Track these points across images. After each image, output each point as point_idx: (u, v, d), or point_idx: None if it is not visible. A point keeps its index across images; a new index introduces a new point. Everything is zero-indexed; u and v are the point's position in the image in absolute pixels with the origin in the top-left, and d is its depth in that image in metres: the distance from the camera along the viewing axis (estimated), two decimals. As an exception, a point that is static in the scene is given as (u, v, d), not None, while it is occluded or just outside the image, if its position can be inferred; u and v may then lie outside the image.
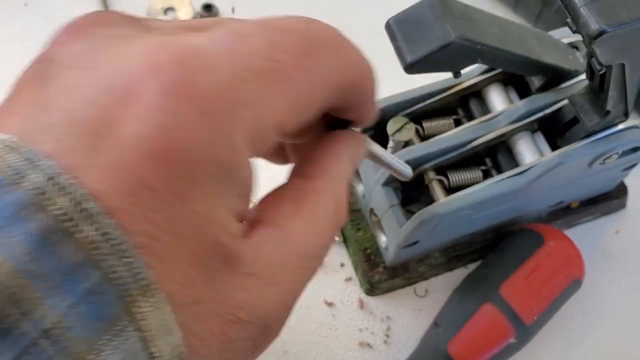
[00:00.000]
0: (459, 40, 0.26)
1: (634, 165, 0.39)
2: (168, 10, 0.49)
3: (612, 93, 0.30)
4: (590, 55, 0.26)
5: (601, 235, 0.42)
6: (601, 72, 0.27)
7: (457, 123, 0.36)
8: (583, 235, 0.42)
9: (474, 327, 0.35)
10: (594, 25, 0.24)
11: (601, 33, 0.23)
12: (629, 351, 0.39)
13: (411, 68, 0.27)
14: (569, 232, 0.42)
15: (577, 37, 0.35)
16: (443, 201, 0.33)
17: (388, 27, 0.28)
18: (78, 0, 0.48)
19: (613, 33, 0.24)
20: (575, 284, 0.37)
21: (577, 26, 0.24)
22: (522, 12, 0.48)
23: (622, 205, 0.43)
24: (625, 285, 0.41)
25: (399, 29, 0.27)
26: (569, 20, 0.25)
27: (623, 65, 0.27)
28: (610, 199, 0.42)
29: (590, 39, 0.24)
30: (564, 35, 0.36)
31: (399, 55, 0.27)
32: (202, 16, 0.48)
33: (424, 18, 0.27)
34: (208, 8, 0.48)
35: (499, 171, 0.35)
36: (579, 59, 0.35)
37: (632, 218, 0.43)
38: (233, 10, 0.49)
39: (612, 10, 0.24)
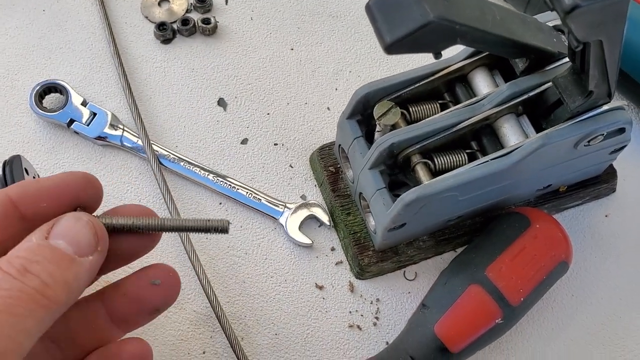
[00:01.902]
0: (437, 20, 0.27)
1: (622, 148, 0.39)
2: (162, 1, 0.49)
3: (593, 72, 0.30)
4: (568, 32, 0.27)
5: (591, 220, 0.43)
6: (578, 49, 0.27)
7: (444, 107, 0.37)
8: (573, 219, 0.43)
9: (461, 308, 0.35)
10: (567, 0, 0.24)
11: (574, 7, 0.24)
12: (617, 333, 0.39)
13: (390, 48, 0.27)
14: (559, 216, 0.43)
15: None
16: (428, 183, 0.34)
17: (368, 9, 0.28)
18: (74, -7, 0.49)
19: (587, 8, 0.24)
20: (562, 265, 0.37)
21: (551, 1, 0.25)
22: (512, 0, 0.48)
23: (612, 189, 0.43)
24: (614, 268, 0.41)
25: (379, 11, 0.28)
26: (545, -2, 0.26)
27: (601, 43, 0.28)
28: (599, 183, 0.42)
29: (565, 13, 0.24)
30: (550, 18, 0.36)
31: (378, 36, 0.27)
32: (195, 8, 0.49)
33: (402, -1, 0.27)
34: (202, 0, 0.49)
35: (485, 154, 0.35)
36: (563, 42, 0.35)
37: (621, 202, 0.43)
38: (226, 1, 0.50)
39: (586, -15, 0.24)
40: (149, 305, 0.26)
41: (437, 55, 0.29)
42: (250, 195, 0.42)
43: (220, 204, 0.42)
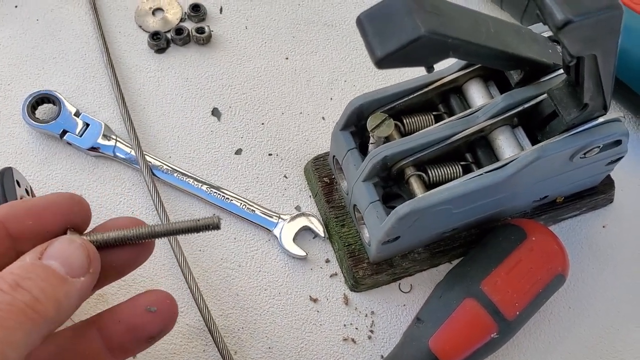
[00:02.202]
0: (428, 35, 0.26)
1: (618, 159, 0.38)
2: (156, 10, 0.49)
3: (588, 85, 0.30)
4: (562, 47, 0.26)
5: (588, 230, 0.42)
6: (572, 63, 0.27)
7: (438, 119, 0.37)
8: (570, 230, 0.42)
9: (456, 322, 0.35)
10: (559, 15, 0.24)
11: (567, 23, 0.23)
12: (614, 346, 0.39)
13: (381, 63, 0.27)
14: (556, 228, 0.42)
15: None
16: (421, 196, 0.33)
17: (359, 22, 0.28)
18: (68, 1, 0.49)
19: (580, 23, 0.24)
20: (559, 278, 0.36)
21: (544, 16, 0.24)
22: (509, 8, 0.48)
23: (609, 200, 0.43)
24: (612, 280, 0.41)
25: (370, 24, 0.27)
26: (537, 11, 0.25)
27: (595, 57, 0.27)
28: (596, 193, 0.42)
29: (557, 29, 0.24)
30: (545, 29, 0.36)
31: (369, 50, 0.27)
32: (190, 17, 0.49)
33: (394, 12, 0.27)
34: (196, 8, 0.49)
35: (479, 166, 0.35)
36: (559, 53, 0.35)
37: (619, 213, 0.43)
38: (221, 10, 0.49)
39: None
40: (144, 334, 0.26)
41: (430, 69, 0.29)
42: (244, 207, 0.41)
43: (214, 215, 0.41)
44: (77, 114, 0.43)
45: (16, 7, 0.48)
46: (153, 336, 0.26)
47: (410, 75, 0.41)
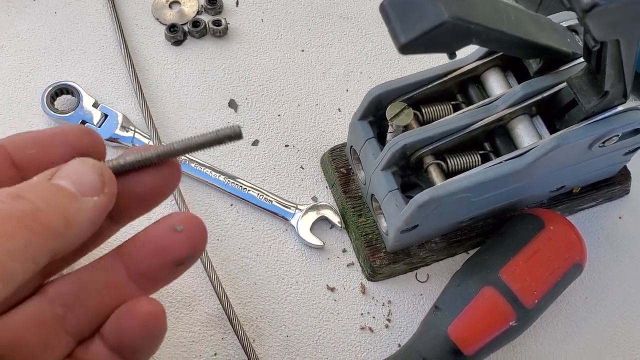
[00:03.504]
0: (452, 20, 0.27)
1: (636, 149, 0.38)
2: (173, 3, 0.49)
3: (609, 72, 0.30)
4: (585, 31, 0.26)
5: (604, 221, 0.42)
6: (595, 48, 0.27)
7: (456, 108, 0.37)
8: (586, 221, 0.42)
9: (475, 310, 0.35)
10: None
11: (594, 6, 0.24)
12: (631, 336, 0.39)
13: (405, 48, 0.27)
14: (572, 218, 0.42)
15: (576, 21, 0.35)
16: (441, 184, 0.34)
17: (382, 8, 0.28)
18: (85, -4, 0.49)
19: (606, 7, 0.24)
20: (576, 267, 0.37)
21: (569, 0, 0.24)
22: (524, 1, 0.48)
23: (626, 191, 0.43)
24: (628, 271, 0.41)
25: (393, 10, 0.27)
26: (562, -3, 0.25)
27: (618, 42, 0.27)
28: (613, 184, 0.42)
29: (583, 12, 0.24)
30: (564, 18, 0.36)
31: (392, 36, 0.27)
32: (206, 10, 0.49)
33: (417, -1, 0.27)
34: (213, 1, 0.49)
35: (498, 155, 0.35)
36: (578, 42, 0.35)
37: (635, 204, 0.43)
38: (237, 3, 0.50)
39: (604, -16, 0.24)
40: (171, 255, 0.23)
41: (452, 55, 0.29)
42: (261, 197, 0.42)
43: (231, 205, 0.42)
44: (96, 105, 0.44)
45: (34, 0, 0.49)
46: (182, 259, 0.23)
47: (428, 65, 0.41)
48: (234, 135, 0.23)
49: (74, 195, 0.20)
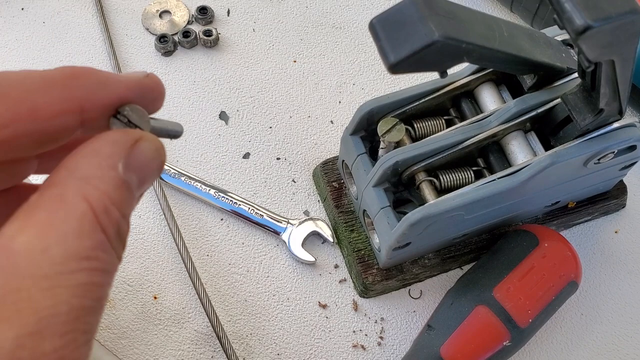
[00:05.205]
0: (442, 40, 0.26)
1: (632, 164, 0.38)
2: (163, 13, 0.49)
3: (604, 91, 0.29)
4: (579, 52, 0.26)
5: (600, 236, 0.42)
6: (590, 69, 0.26)
7: (449, 123, 0.36)
8: (582, 235, 0.42)
9: (467, 330, 0.34)
10: (579, 21, 0.23)
11: (587, 29, 0.23)
12: (628, 353, 0.38)
13: (395, 68, 0.27)
14: (568, 233, 0.42)
15: (571, 35, 0.35)
16: (433, 202, 0.33)
17: (372, 27, 0.27)
18: (75, 4, 0.48)
19: (599, 28, 0.23)
20: (572, 285, 0.36)
21: (562, 22, 0.24)
22: (519, 11, 0.47)
23: (622, 205, 0.42)
24: (624, 286, 0.40)
25: (383, 29, 0.27)
26: (555, 16, 0.25)
27: (613, 62, 0.27)
28: (609, 198, 0.41)
29: (576, 34, 0.23)
30: (559, 32, 0.35)
31: (382, 55, 0.27)
32: (197, 20, 0.48)
33: (407, 17, 0.26)
34: (203, 11, 0.48)
35: (492, 171, 0.35)
36: (573, 57, 0.34)
37: (631, 218, 0.42)
38: (228, 12, 0.49)
39: (598, 4, 0.23)
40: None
41: (443, 74, 0.28)
42: (252, 211, 0.41)
43: (222, 219, 0.41)
44: (84, 118, 0.43)
45: (22, 9, 0.48)
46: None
47: (421, 78, 0.41)
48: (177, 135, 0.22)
49: (134, 197, 0.19)
